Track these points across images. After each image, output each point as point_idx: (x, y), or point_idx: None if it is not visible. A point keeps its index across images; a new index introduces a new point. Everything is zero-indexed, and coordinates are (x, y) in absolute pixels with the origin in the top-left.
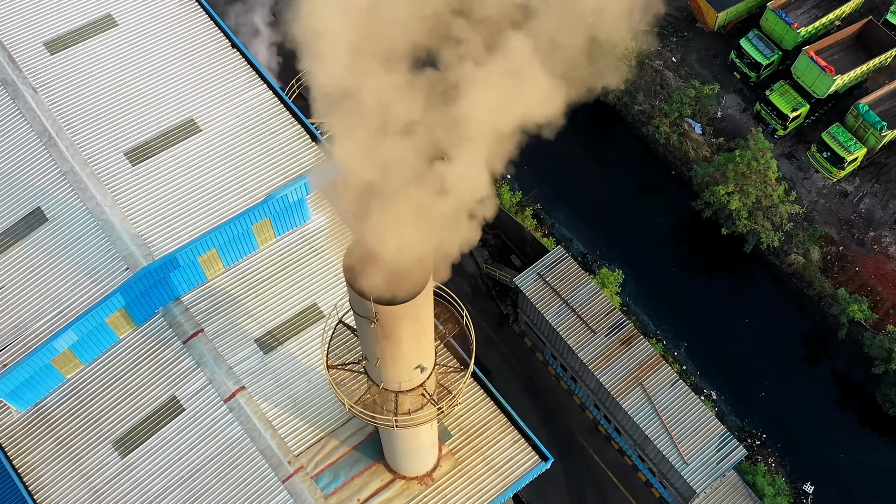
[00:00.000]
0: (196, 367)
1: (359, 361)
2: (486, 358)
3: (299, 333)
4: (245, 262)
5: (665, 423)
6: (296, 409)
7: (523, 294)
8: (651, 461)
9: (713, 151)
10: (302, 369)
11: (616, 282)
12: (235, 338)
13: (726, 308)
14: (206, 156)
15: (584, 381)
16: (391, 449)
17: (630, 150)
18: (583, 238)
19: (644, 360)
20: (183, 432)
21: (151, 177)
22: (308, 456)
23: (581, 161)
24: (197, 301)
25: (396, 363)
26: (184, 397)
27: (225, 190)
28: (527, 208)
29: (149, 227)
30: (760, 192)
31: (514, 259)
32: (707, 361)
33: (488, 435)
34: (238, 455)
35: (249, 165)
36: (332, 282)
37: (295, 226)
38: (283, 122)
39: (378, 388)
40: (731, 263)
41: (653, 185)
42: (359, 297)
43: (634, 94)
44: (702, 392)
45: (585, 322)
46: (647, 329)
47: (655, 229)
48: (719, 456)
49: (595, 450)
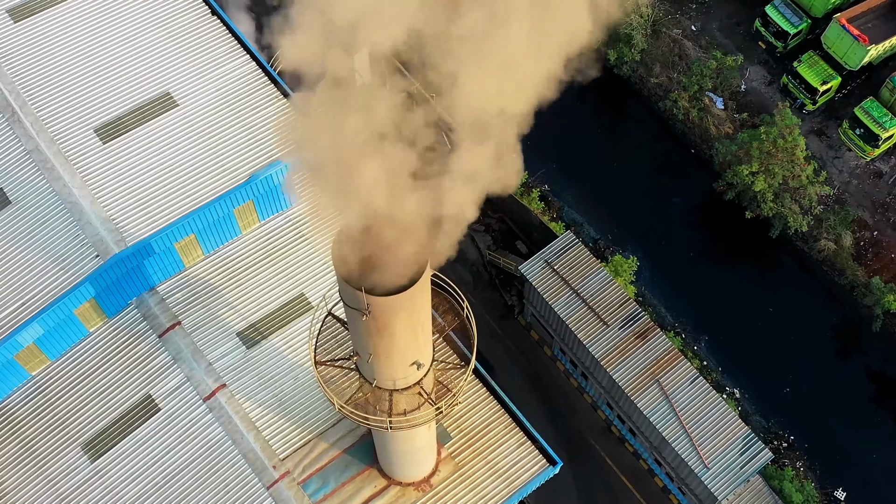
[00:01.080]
0: (173, 363)
1: (350, 357)
2: (488, 353)
3: (285, 326)
4: (226, 249)
5: (684, 423)
6: (281, 409)
7: (529, 283)
8: (669, 465)
9: (736, 128)
10: (288, 365)
11: (630, 270)
12: (216, 331)
13: (750, 298)
14: (184, 133)
15: (596, 377)
16: (385, 452)
17: (646, 126)
18: (594, 222)
19: (661, 356)
20: (158, 434)
21: (124, 156)
22: (295, 460)
23: (592, 139)
24: (174, 291)
25: (391, 359)
26: (159, 396)
27: (204, 170)
28: (533, 190)
29: (121, 211)
30: (787, 172)
31: (520, 245)
32: (730, 356)
33: (491, 437)
34: (218, 459)
35: (231, 143)
36: (321, 270)
37: (280, 209)
38: (267, 96)
39: (371, 387)
40: (755, 250)
41: (670, 165)
42: (349, 288)
43: (650, 66)
44: (724, 390)
45: (597, 314)
46: (664, 321)
47: (673, 213)
48: (743, 460)
49: (608, 453)
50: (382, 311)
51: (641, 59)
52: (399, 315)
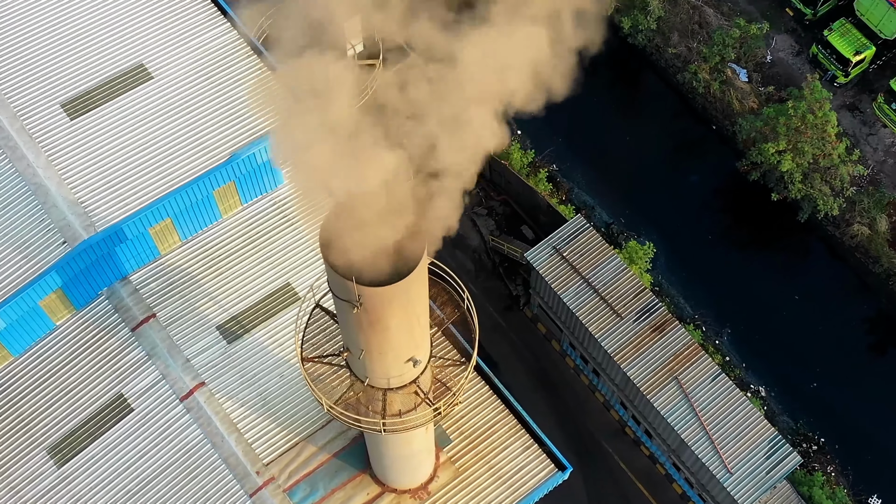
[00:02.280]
0: (147, 360)
1: (340, 353)
2: (492, 348)
3: (269, 319)
4: (205, 235)
5: (705, 424)
6: (265, 410)
7: (536, 271)
8: (688, 470)
9: (761, 102)
10: (272, 362)
11: (646, 257)
12: (194, 324)
13: (777, 288)
14: (159, 108)
15: (609, 374)
16: (379, 457)
17: (663, 100)
18: (607, 205)
19: (679, 350)
20: (131, 437)
21: (93, 133)
22: (280, 465)
23: (605, 115)
24: (148, 281)
25: (384, 355)
26: (132, 395)
27: (181, 148)
28: (541, 170)
29: (90, 193)
30: (817, 150)
31: (526, 230)
32: (754, 351)
33: (494, 440)
34: (196, 464)
35: (211, 119)
36: (309, 257)
37: (264, 191)
38: (249, 67)
39: (363, 386)
40: (782, 235)
41: (690, 143)
42: (339, 277)
43: (668, 35)
44: (748, 388)
45: (610, 305)
46: (682, 313)
47: (693, 195)
48: (769, 464)
49: (622, 457)
50: (375, 302)
51: (658, 28)
52: (393, 307)
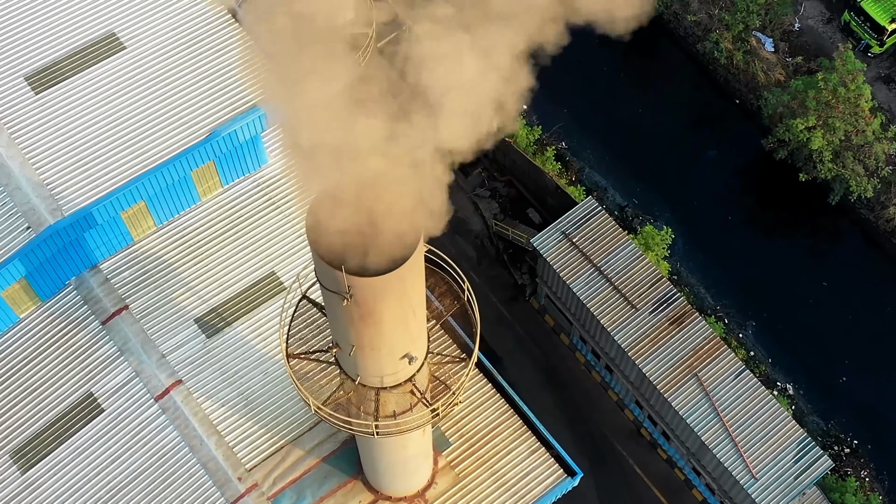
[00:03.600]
0: (119, 356)
1: (328, 349)
2: (495, 342)
3: (252, 311)
4: (182, 219)
5: (727, 425)
6: (248, 410)
7: (543, 259)
8: (709, 475)
9: (789, 74)
10: (256, 358)
11: (664, 242)
12: (170, 317)
13: (806, 277)
14: (132, 81)
15: (623, 371)
16: (372, 462)
17: (682, 72)
18: (620, 186)
19: (700, 345)
20: (101, 440)
21: (61, 108)
22: (264, 470)
23: (618, 87)
24: (120, 269)
25: (377, 352)
26: (103, 394)
27: (156, 125)
28: (548, 148)
29: (57, 174)
30: (850, 126)
31: (532, 214)
32: (782, 345)
33: (498, 442)
34: (173, 469)
35: (188, 93)
36: (295, 244)
37: (247, 171)
38: (230, 36)
39: (354, 384)
40: (811, 219)
41: (711, 118)
42: (327, 266)
43: (687, 1)
44: (775, 385)
45: (624, 295)
46: (703, 304)
47: (714, 175)
48: (798, 468)
49: (637, 460)
50: (367, 294)
51: None
52: (387, 299)
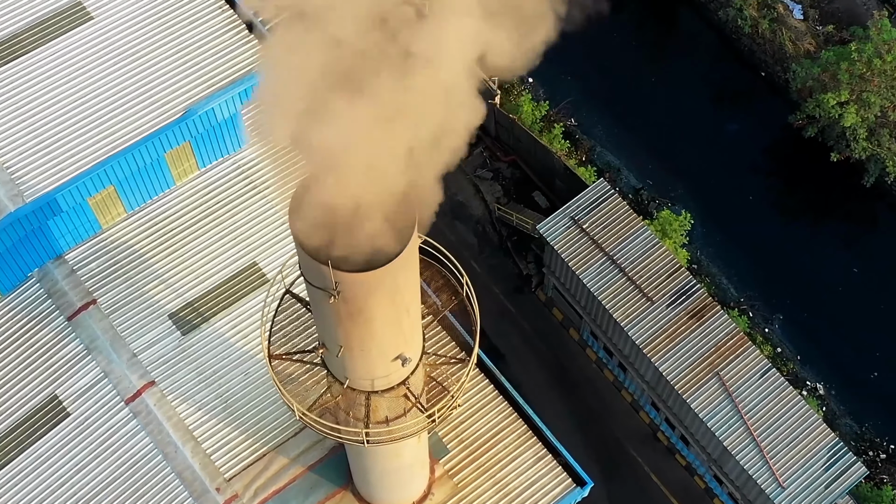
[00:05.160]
0: (86, 355)
1: (314, 349)
2: (498, 338)
3: (232, 306)
4: (155, 205)
5: (752, 429)
6: (227, 414)
7: (551, 247)
8: (732, 483)
9: (819, 44)
10: (235, 357)
11: (682, 229)
12: (142, 312)
13: (838, 265)
14: (100, 54)
15: (638, 370)
16: (362, 471)
17: (702, 42)
18: (635, 167)
19: (722, 341)
20: (67, 446)
21: (21, 84)
22: (244, 480)
23: (633, 59)
24: (87, 260)
25: (368, 353)
26: (68, 397)
27: (127, 103)
28: (556, 125)
29: (18, 157)
30: (886, 101)
31: (538, 197)
32: (811, 341)
33: (501, 449)
34: (145, 478)
35: (161, 68)
36: (279, 233)
37: (226, 153)
38: (208, 6)
39: (342, 388)
40: (844, 202)
41: (734, 92)
42: (311, 261)
43: None
44: (804, 385)
45: (639, 286)
46: (725, 296)
47: (738, 154)
48: (829, 476)
49: (653, 468)
50: (356, 291)
51: None
52: (378, 296)
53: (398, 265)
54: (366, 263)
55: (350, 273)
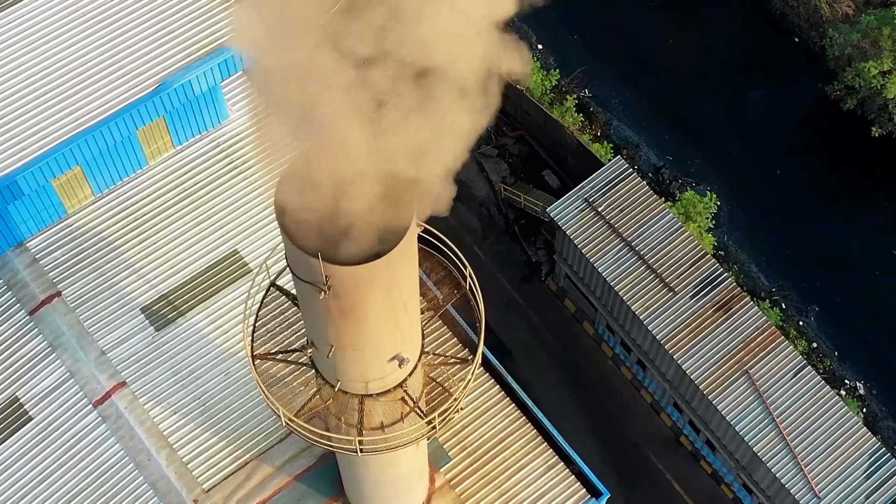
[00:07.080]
0: (50, 353)
1: (303, 348)
2: (505, 333)
3: (211, 299)
4: (126, 188)
5: (784, 432)
6: (206, 418)
7: (562, 231)
8: (763, 493)
9: (859, 7)
10: (214, 355)
11: (708, 211)
12: (111, 306)
13: (880, 252)
14: (66, 21)
15: (659, 367)
16: (355, 481)
17: (729, 4)
18: (655, 143)
19: (752, 335)
20: (29, 454)
21: None
22: (225, 491)
23: (652, 23)
24: (52, 248)
25: (361, 353)
26: (30, 399)
27: (95, 74)
28: (569, 97)
29: None
30: None
31: (549, 177)
32: (850, 336)
33: (507, 457)
34: (115, 489)
35: (133, 36)
36: (262, 217)
37: (204, 129)
38: None
39: (333, 391)
40: (886, 181)
41: (764, 60)
42: (299, 252)
43: None
44: (842, 383)
45: (660, 276)
46: (755, 286)
47: (769, 129)
48: (869, 484)
49: (676, 475)
50: (349, 285)
51: None
52: (372, 291)
53: (395, 257)
54: (360, 255)
55: (342, 266)
